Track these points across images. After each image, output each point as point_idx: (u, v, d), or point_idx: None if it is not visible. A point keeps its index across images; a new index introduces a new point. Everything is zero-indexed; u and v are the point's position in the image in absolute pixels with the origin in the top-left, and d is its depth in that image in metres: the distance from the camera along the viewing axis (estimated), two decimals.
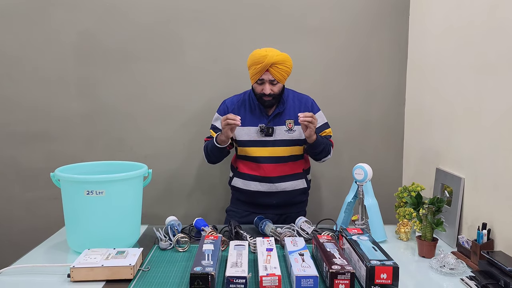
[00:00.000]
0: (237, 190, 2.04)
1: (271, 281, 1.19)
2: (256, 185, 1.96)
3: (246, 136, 1.95)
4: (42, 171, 2.27)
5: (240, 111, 1.97)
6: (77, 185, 1.47)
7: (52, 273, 1.34)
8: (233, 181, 2.05)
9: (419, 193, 1.66)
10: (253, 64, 1.85)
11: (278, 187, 1.95)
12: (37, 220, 2.35)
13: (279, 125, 1.94)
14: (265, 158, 1.94)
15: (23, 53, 2.29)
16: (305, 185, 2.03)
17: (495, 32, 1.50)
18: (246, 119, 1.95)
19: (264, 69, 1.83)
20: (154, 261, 1.46)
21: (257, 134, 1.93)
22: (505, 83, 1.43)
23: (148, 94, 2.35)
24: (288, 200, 2.00)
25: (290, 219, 1.95)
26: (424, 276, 1.37)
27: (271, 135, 1.93)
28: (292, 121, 1.94)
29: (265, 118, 1.95)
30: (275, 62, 1.82)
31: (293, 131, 1.94)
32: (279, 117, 1.95)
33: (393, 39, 2.35)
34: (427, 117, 2.07)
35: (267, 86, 1.86)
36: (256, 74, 1.85)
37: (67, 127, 2.34)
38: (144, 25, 2.30)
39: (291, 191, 1.98)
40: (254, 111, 1.96)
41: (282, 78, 1.87)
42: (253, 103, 1.97)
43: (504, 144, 1.44)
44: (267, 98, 1.88)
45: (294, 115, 1.94)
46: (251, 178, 1.97)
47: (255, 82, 1.89)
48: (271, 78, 1.85)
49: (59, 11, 2.27)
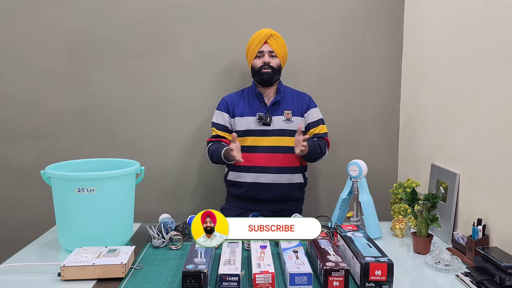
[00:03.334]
0: (232, 185, 2.03)
1: (265, 279, 1.17)
2: (252, 177, 1.97)
3: (244, 126, 1.98)
4: (34, 169, 2.24)
5: (239, 103, 2.03)
6: (68, 182, 1.44)
7: (43, 272, 1.32)
8: (228, 175, 2.04)
9: (414, 189, 1.65)
10: (252, 41, 1.99)
11: (274, 178, 1.95)
12: (28, 219, 2.32)
13: (278, 115, 1.99)
14: (263, 148, 1.96)
15: (15, 48, 2.26)
16: (302, 180, 2.03)
17: (491, 26, 1.49)
18: (245, 109, 2.00)
19: (263, 40, 1.96)
20: (147, 259, 1.44)
21: (255, 123, 1.97)
22: (501, 77, 1.42)
23: (141, 90, 2.32)
24: (283, 194, 1.99)
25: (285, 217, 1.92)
26: (419, 273, 1.36)
27: (269, 124, 1.96)
28: (290, 112, 2.00)
29: (264, 108, 2.00)
30: (272, 33, 1.98)
31: (291, 122, 1.99)
32: (278, 106, 2.00)
33: (388, 34, 2.33)
34: (422, 112, 2.06)
35: (267, 56, 1.96)
36: (256, 47, 1.97)
37: (60, 124, 2.32)
38: (138, 20, 2.27)
39: (287, 185, 1.98)
40: (253, 101, 2.02)
41: (279, 51, 1.98)
42: (251, 94, 2.04)
43: (500, 140, 1.43)
44: (266, 70, 1.96)
45: (293, 107, 2.02)
46: (248, 170, 1.97)
47: (255, 57, 1.98)
48: (270, 49, 1.97)
49: (52, 6, 2.24)
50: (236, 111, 2.02)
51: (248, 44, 2.01)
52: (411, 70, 2.25)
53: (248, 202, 2.01)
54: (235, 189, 2.03)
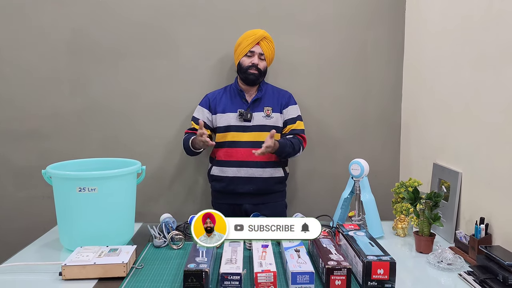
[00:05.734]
0: (214, 179, 2.10)
1: (267, 278, 1.16)
2: (233, 171, 2.03)
3: (225, 122, 2.05)
4: (35, 170, 2.23)
5: (222, 100, 2.10)
6: (69, 182, 1.44)
7: (44, 272, 1.32)
8: (211, 170, 2.11)
9: (416, 188, 1.64)
10: (245, 38, 2.02)
11: (255, 172, 2.02)
12: (30, 220, 2.31)
13: (258, 111, 2.05)
14: (243, 143, 2.03)
15: (15, 50, 2.26)
16: (282, 174, 2.09)
17: (493, 26, 1.48)
18: (226, 106, 2.07)
19: (256, 41, 2.00)
20: (148, 258, 1.44)
21: (236, 119, 2.04)
22: (503, 77, 1.42)
23: (142, 91, 2.32)
24: (265, 188, 2.05)
25: (268, 208, 2.03)
26: (421, 272, 1.35)
27: (249, 121, 2.03)
28: (271, 108, 2.06)
29: (245, 105, 2.06)
30: (266, 36, 2.03)
31: (271, 118, 2.06)
32: (258, 103, 2.07)
33: (390, 34, 2.33)
34: (424, 111, 2.06)
35: (256, 58, 2.01)
36: (248, 46, 2.00)
37: (60, 125, 2.31)
38: (138, 21, 2.27)
39: (267, 178, 2.04)
40: (235, 98, 2.08)
41: (268, 55, 2.04)
42: (233, 91, 2.10)
43: (501, 138, 1.42)
44: (253, 71, 2.00)
45: (273, 103, 2.08)
46: (229, 165, 2.04)
47: (244, 55, 2.02)
48: (261, 51, 2.02)
49: (52, 7, 2.24)
50: (218, 108, 2.08)
51: (239, 41, 2.04)
52: (412, 70, 2.24)
53: (230, 197, 2.06)
54: (217, 183, 2.09)
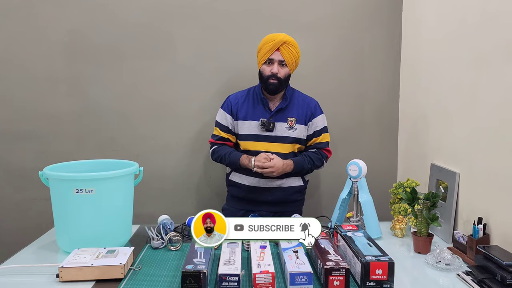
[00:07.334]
0: (233, 185, 2.02)
1: (265, 278, 1.16)
2: (253, 180, 1.95)
3: (247, 130, 1.95)
4: (32, 171, 2.22)
5: (244, 105, 1.98)
6: (66, 183, 1.43)
7: (41, 274, 1.31)
8: (230, 176, 2.03)
9: (414, 188, 1.64)
10: (264, 44, 1.88)
11: (274, 183, 1.94)
12: (27, 222, 2.30)
13: (281, 121, 1.94)
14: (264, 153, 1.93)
15: (13, 50, 2.25)
16: (302, 183, 2.02)
17: (489, 26, 1.49)
18: (248, 113, 1.96)
19: (275, 47, 1.85)
20: (146, 260, 1.43)
21: (258, 128, 1.94)
22: (499, 76, 1.42)
23: (139, 92, 2.32)
24: (283, 197, 1.98)
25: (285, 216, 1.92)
26: (420, 272, 1.35)
27: (271, 131, 1.93)
28: (294, 119, 1.95)
29: (268, 113, 1.95)
30: (287, 41, 1.85)
31: (294, 129, 1.95)
32: (282, 113, 1.95)
33: (387, 35, 2.33)
34: (421, 112, 2.06)
35: (276, 66, 1.87)
36: (267, 53, 1.87)
37: (57, 126, 2.30)
38: (135, 21, 2.27)
39: (287, 188, 1.97)
40: (257, 106, 1.97)
41: (290, 60, 1.88)
42: (256, 98, 1.98)
43: (499, 138, 1.42)
44: (273, 81, 1.88)
45: (297, 114, 1.96)
46: (249, 173, 1.95)
47: (264, 63, 1.90)
48: (280, 58, 1.87)
49: (49, 8, 2.23)
50: (239, 114, 1.97)
51: (260, 46, 1.91)
52: (409, 70, 2.25)
53: (248, 204, 2.00)
54: (235, 189, 2.02)
